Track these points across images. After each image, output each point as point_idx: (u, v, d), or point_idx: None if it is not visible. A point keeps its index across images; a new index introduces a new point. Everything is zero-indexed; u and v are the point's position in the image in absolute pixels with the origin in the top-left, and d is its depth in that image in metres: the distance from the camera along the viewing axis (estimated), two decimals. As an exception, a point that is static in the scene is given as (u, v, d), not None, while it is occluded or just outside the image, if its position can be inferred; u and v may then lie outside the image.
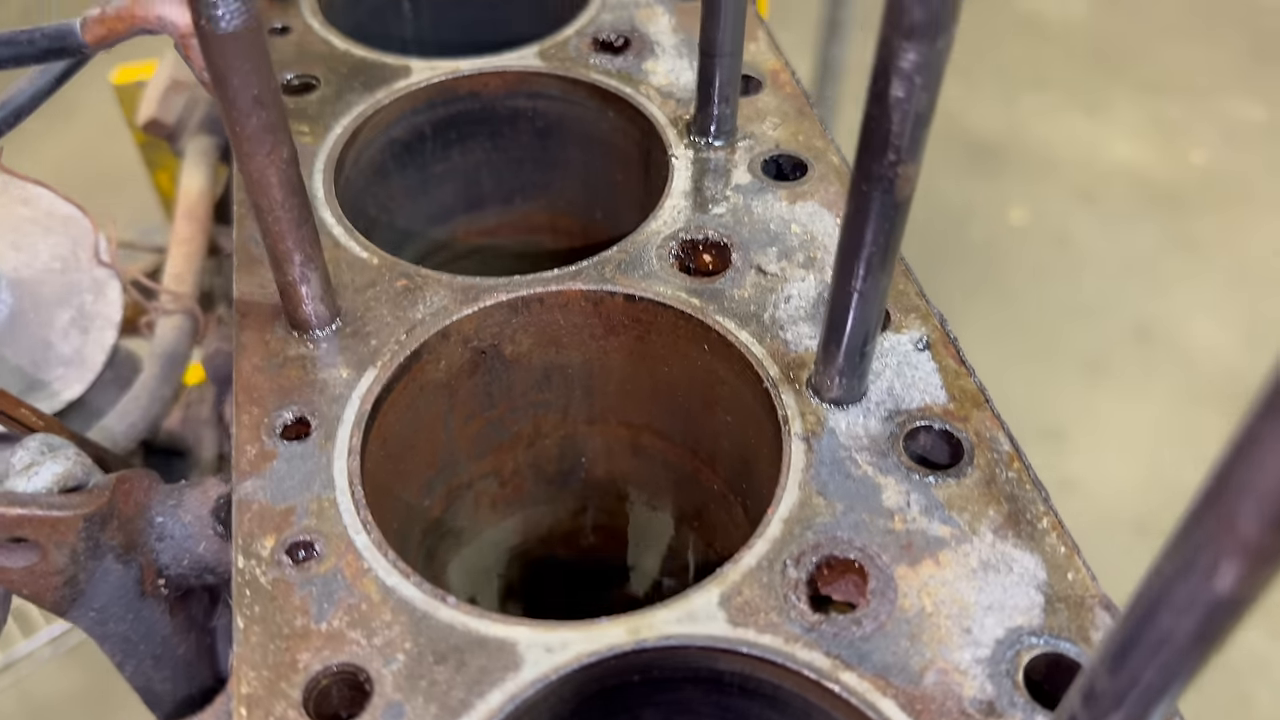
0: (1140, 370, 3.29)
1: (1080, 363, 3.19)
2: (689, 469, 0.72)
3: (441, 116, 0.79)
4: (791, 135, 0.73)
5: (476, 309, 0.62)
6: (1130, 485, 3.08)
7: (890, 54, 0.42)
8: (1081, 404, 3.17)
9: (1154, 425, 3.13)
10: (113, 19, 0.59)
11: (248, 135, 0.51)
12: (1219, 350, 3.36)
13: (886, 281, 0.51)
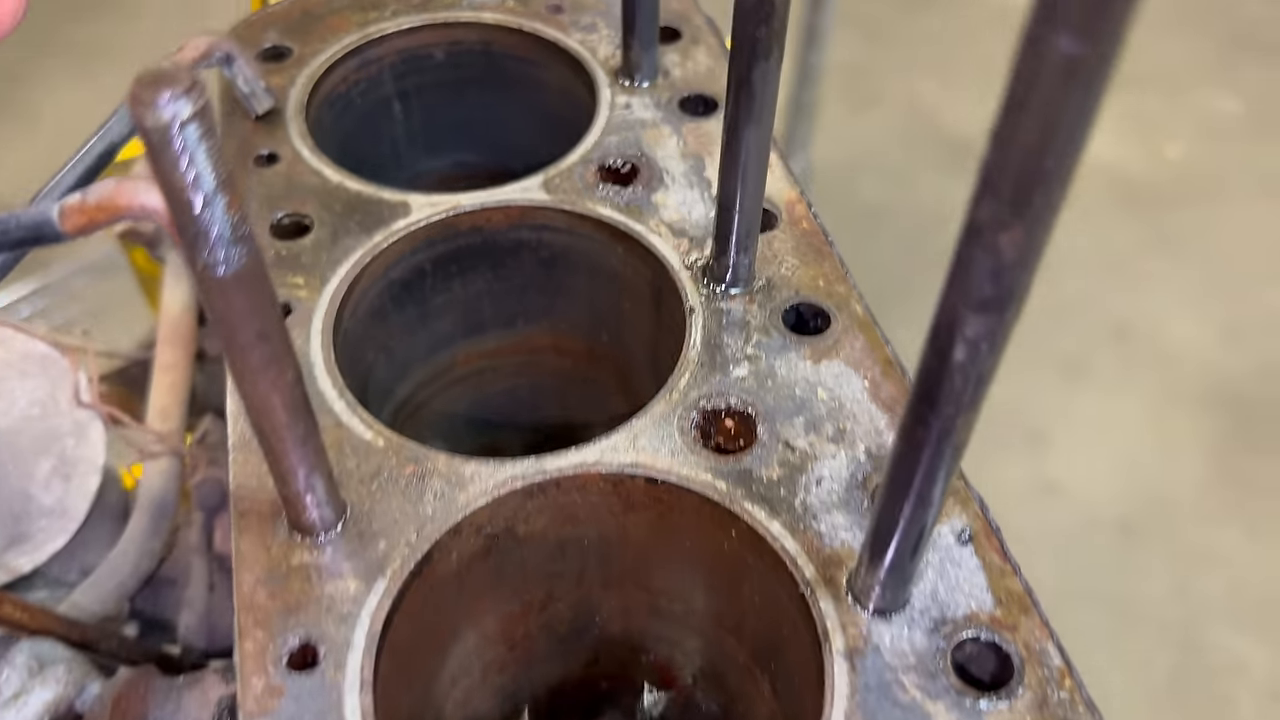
0: (1119, 369, 3.29)
1: (1060, 363, 3.19)
2: (711, 635, 0.69)
3: (442, 253, 0.75)
4: (812, 280, 0.70)
5: (490, 499, 0.59)
6: (1112, 486, 3.08)
7: (956, 321, 0.39)
8: (1062, 405, 3.16)
9: (1134, 425, 3.12)
10: (93, 208, 0.55)
11: (249, 368, 0.47)
12: (1197, 347, 3.36)
13: (939, 505, 0.47)
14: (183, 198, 0.40)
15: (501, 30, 0.88)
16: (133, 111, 0.38)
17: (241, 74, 0.77)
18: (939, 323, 0.40)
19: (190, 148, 0.38)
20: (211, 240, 0.42)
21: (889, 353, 0.66)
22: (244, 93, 0.78)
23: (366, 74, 0.88)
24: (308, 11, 0.89)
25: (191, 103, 0.38)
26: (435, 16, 0.88)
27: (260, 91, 0.78)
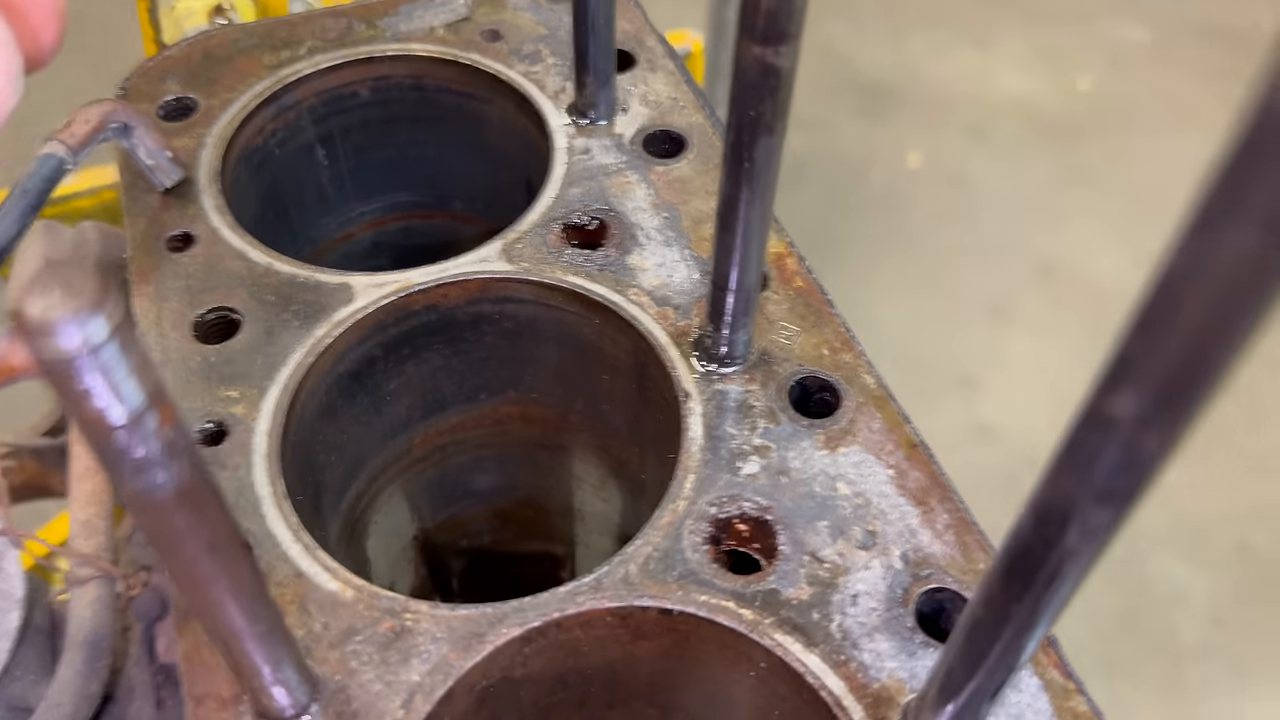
0: (1045, 308, 3.31)
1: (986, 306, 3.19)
2: (732, 750, 0.62)
3: (394, 336, 0.67)
4: (814, 349, 0.63)
5: (484, 655, 0.51)
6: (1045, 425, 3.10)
7: (1072, 510, 0.32)
8: (991, 347, 3.17)
9: (1064, 362, 3.14)
10: None
11: (197, 581, 0.38)
12: (1120, 280, 3.40)
13: (1024, 665, 0.41)
14: (103, 427, 0.31)
15: (434, 63, 0.79)
16: (27, 342, 0.29)
17: (142, 145, 0.67)
18: (1047, 508, 0.34)
19: (109, 371, 0.30)
20: (143, 464, 0.33)
21: (910, 433, 0.59)
22: (147, 165, 0.67)
23: (284, 121, 0.78)
24: (209, 54, 0.78)
25: (106, 318, 0.29)
26: (357, 52, 0.78)
27: (165, 163, 0.68)
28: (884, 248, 3.36)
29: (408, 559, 0.82)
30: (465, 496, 0.82)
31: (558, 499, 0.82)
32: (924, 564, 0.54)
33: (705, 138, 0.74)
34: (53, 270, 0.30)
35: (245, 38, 0.80)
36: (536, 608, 0.53)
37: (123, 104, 0.66)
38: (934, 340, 3.04)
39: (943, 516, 0.56)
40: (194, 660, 0.51)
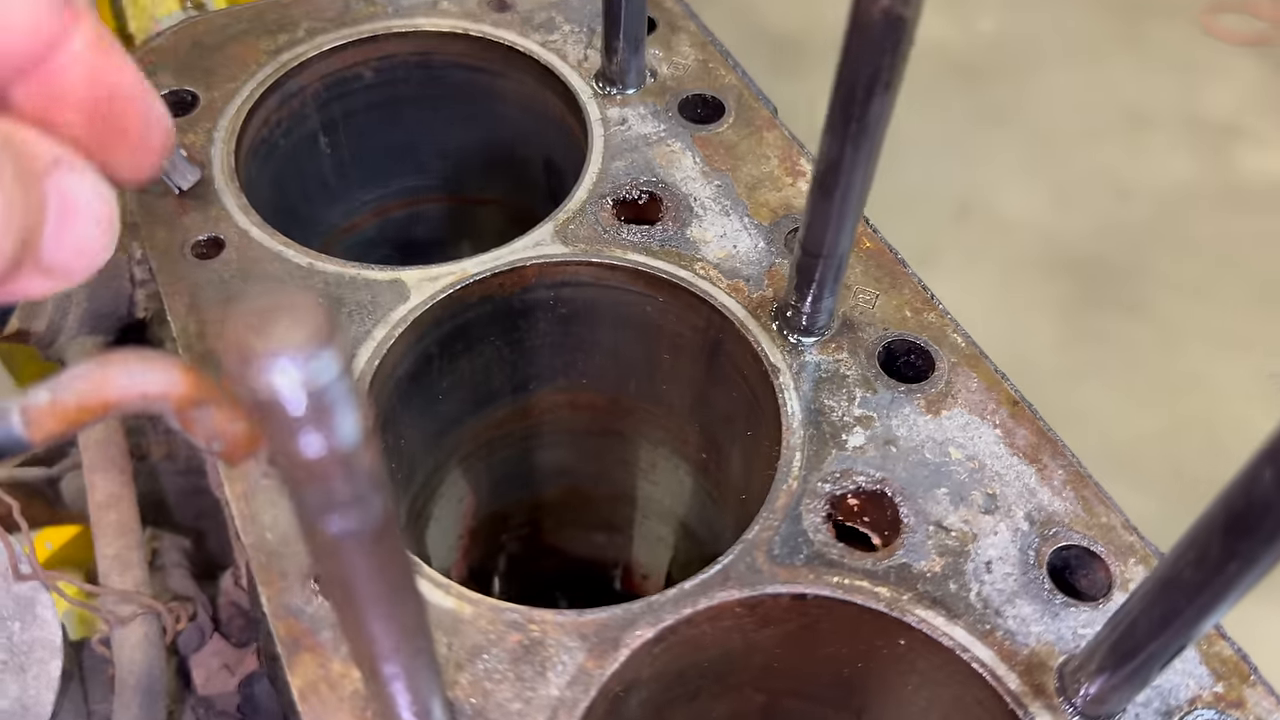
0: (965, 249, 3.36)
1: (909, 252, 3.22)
2: (844, 727, 0.61)
3: (449, 331, 0.63)
4: (896, 311, 0.61)
5: (621, 661, 0.49)
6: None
7: None
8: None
9: (986, 301, 3.20)
10: (73, 410, 0.40)
11: (375, 618, 0.35)
12: (1033, 216, 3.47)
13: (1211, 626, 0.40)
14: (314, 470, 0.28)
15: (444, 37, 0.74)
16: (240, 379, 0.25)
17: (156, 145, 0.62)
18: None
19: (333, 409, 0.26)
20: (349, 504, 0.30)
21: (1010, 390, 0.58)
22: (163, 169, 0.62)
23: (289, 109, 0.73)
24: (199, 42, 0.73)
25: (334, 353, 0.25)
26: (360, 30, 0.73)
27: (182, 163, 0.63)
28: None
29: (454, 553, 0.79)
30: (513, 488, 0.79)
31: (606, 486, 0.79)
32: (1049, 523, 0.53)
33: (741, 99, 0.71)
34: (277, 302, 0.26)
35: (234, 23, 0.74)
36: (667, 605, 0.50)
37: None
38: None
39: (1058, 473, 0.55)
40: (312, 698, 0.47)
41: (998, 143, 3.76)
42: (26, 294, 0.39)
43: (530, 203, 0.83)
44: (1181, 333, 3.15)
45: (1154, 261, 3.30)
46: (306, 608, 0.49)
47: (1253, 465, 0.34)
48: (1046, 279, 3.31)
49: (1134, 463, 2.75)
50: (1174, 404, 2.89)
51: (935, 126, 3.83)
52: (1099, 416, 2.93)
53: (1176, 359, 3.09)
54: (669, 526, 0.79)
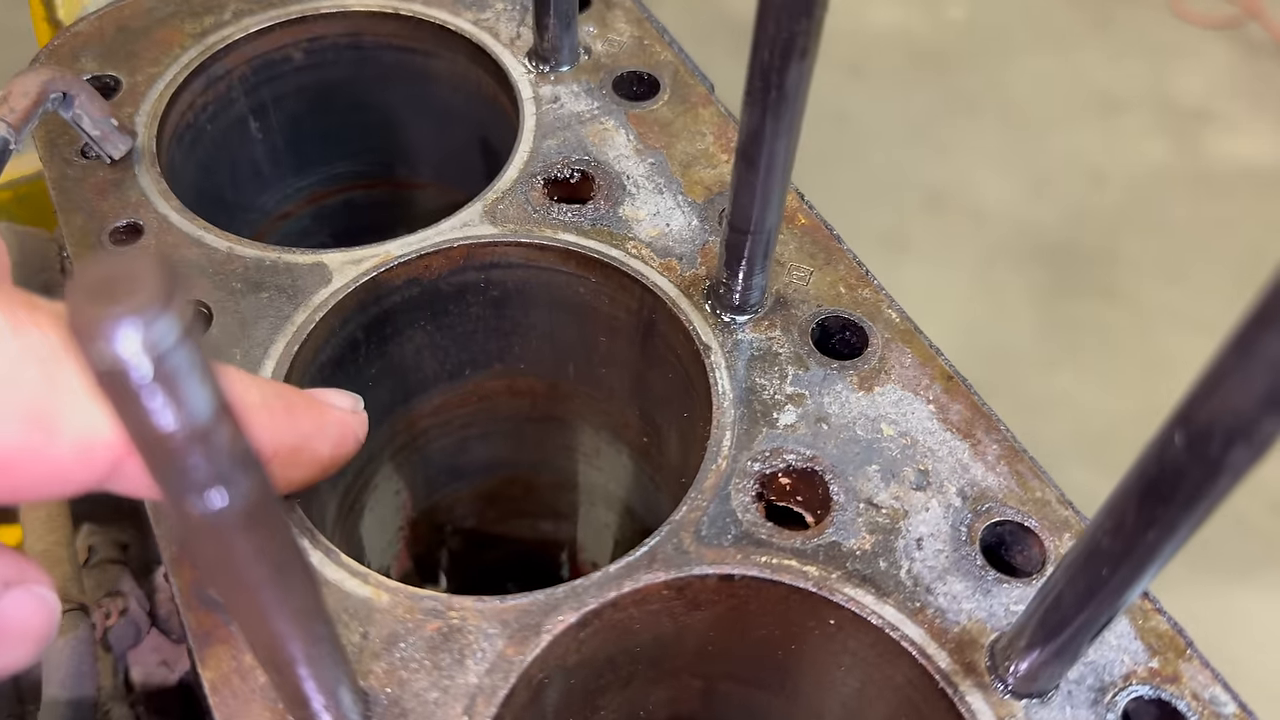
0: (938, 238, 3.36)
1: (880, 239, 3.23)
2: (782, 712, 0.60)
3: (375, 315, 0.62)
4: (830, 288, 0.60)
5: (543, 646, 0.47)
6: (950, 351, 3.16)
7: (1240, 424, 0.30)
8: (891, 283, 3.22)
9: (961, 290, 3.20)
10: None
11: (260, 606, 0.34)
12: (1007, 204, 3.47)
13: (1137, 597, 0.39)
14: (169, 445, 0.26)
15: (374, 17, 0.73)
16: (84, 350, 0.24)
17: (86, 114, 0.60)
18: (1207, 422, 0.31)
19: (179, 379, 0.25)
20: (210, 482, 0.28)
21: (944, 365, 0.57)
22: (93, 136, 0.61)
23: (214, 94, 0.71)
24: (124, 26, 0.71)
25: (174, 319, 0.24)
26: (288, 12, 0.72)
27: (112, 132, 0.61)
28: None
29: (395, 546, 0.77)
30: (452, 479, 0.77)
31: (549, 473, 0.78)
32: (982, 498, 0.52)
33: (677, 76, 0.70)
34: (111, 265, 0.25)
35: (161, 6, 0.72)
36: (591, 589, 0.49)
37: (58, 71, 0.59)
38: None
39: (992, 447, 0.54)
40: (223, 690, 0.46)
41: (969, 130, 3.76)
42: None
43: (467, 186, 0.81)
44: (1156, 317, 3.16)
45: (1128, 246, 3.31)
46: (218, 597, 0.48)
47: (1163, 429, 0.33)
48: (1020, 266, 3.32)
49: (1110, 447, 2.76)
50: (1149, 388, 2.90)
51: (906, 115, 3.83)
52: (1075, 402, 2.94)
53: (1151, 343, 3.10)
54: (614, 512, 0.77)
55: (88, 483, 0.34)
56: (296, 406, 0.44)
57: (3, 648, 0.38)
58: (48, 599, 0.39)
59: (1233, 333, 0.30)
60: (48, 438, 0.32)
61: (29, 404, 0.32)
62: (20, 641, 0.38)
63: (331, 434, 0.45)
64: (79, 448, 0.33)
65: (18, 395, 0.31)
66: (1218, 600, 2.55)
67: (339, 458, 0.47)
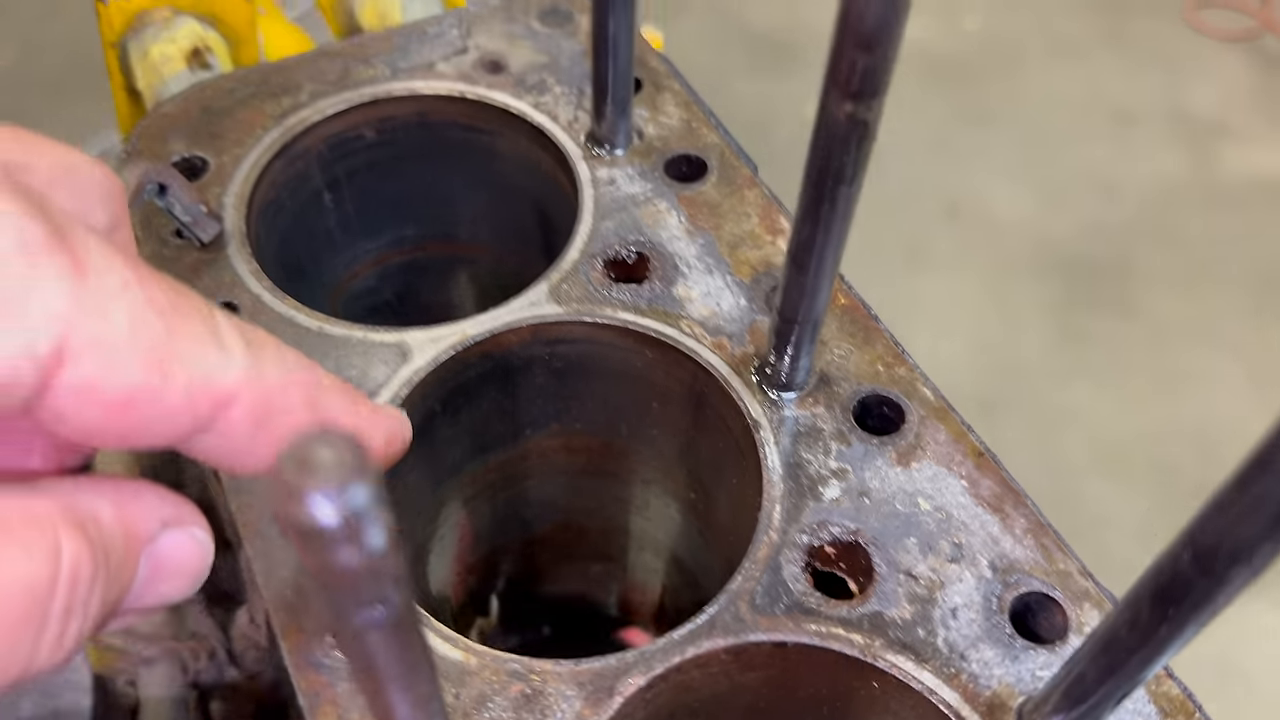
0: (955, 249, 3.40)
1: (901, 251, 3.27)
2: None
3: (452, 389, 0.67)
4: (869, 366, 0.65)
5: (615, 708, 0.53)
6: (967, 365, 3.21)
7: (1241, 549, 0.35)
8: (909, 292, 3.26)
9: (977, 302, 3.24)
10: None
11: (393, 692, 0.39)
12: (1023, 216, 3.50)
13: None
14: (347, 578, 0.32)
15: (441, 100, 0.78)
16: (284, 512, 0.29)
17: (178, 201, 0.66)
18: (1213, 547, 0.36)
19: (365, 527, 0.30)
20: (373, 599, 0.34)
21: (975, 441, 0.62)
22: (185, 222, 0.66)
23: (294, 171, 0.77)
24: (208, 108, 0.76)
25: (367, 483, 0.29)
26: (361, 95, 0.77)
27: (202, 217, 0.67)
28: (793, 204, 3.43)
29: (453, 579, 0.83)
30: (510, 525, 0.83)
31: (600, 521, 0.83)
32: (1011, 570, 0.57)
33: (723, 158, 0.75)
34: (314, 441, 0.30)
35: (241, 87, 0.78)
36: (658, 655, 0.54)
37: (154, 163, 0.65)
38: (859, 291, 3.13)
39: (1019, 521, 0.59)
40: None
41: (985, 143, 3.80)
42: None
43: (523, 250, 0.87)
44: (1169, 331, 3.20)
45: (1141, 259, 3.34)
46: (325, 660, 0.54)
47: (1175, 545, 0.39)
48: (1036, 278, 3.36)
49: (1123, 461, 2.80)
50: (1162, 402, 2.94)
51: (922, 127, 3.87)
52: (1090, 415, 2.98)
53: (1164, 357, 3.14)
54: (661, 559, 0.83)
55: (188, 430, 0.38)
56: (362, 399, 0.49)
57: (161, 582, 0.42)
58: (203, 540, 0.44)
59: (1238, 469, 0.35)
60: (164, 381, 0.36)
61: (151, 349, 0.35)
62: (177, 577, 0.43)
63: (384, 428, 0.50)
64: (189, 392, 0.37)
65: (142, 340, 0.35)
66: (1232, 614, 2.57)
67: (389, 456, 0.51)
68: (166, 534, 0.42)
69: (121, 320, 0.34)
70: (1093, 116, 3.69)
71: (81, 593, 0.36)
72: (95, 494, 0.39)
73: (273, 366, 0.40)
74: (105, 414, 0.35)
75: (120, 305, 0.35)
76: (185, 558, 0.43)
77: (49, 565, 0.35)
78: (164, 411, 0.37)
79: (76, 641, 0.37)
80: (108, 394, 0.35)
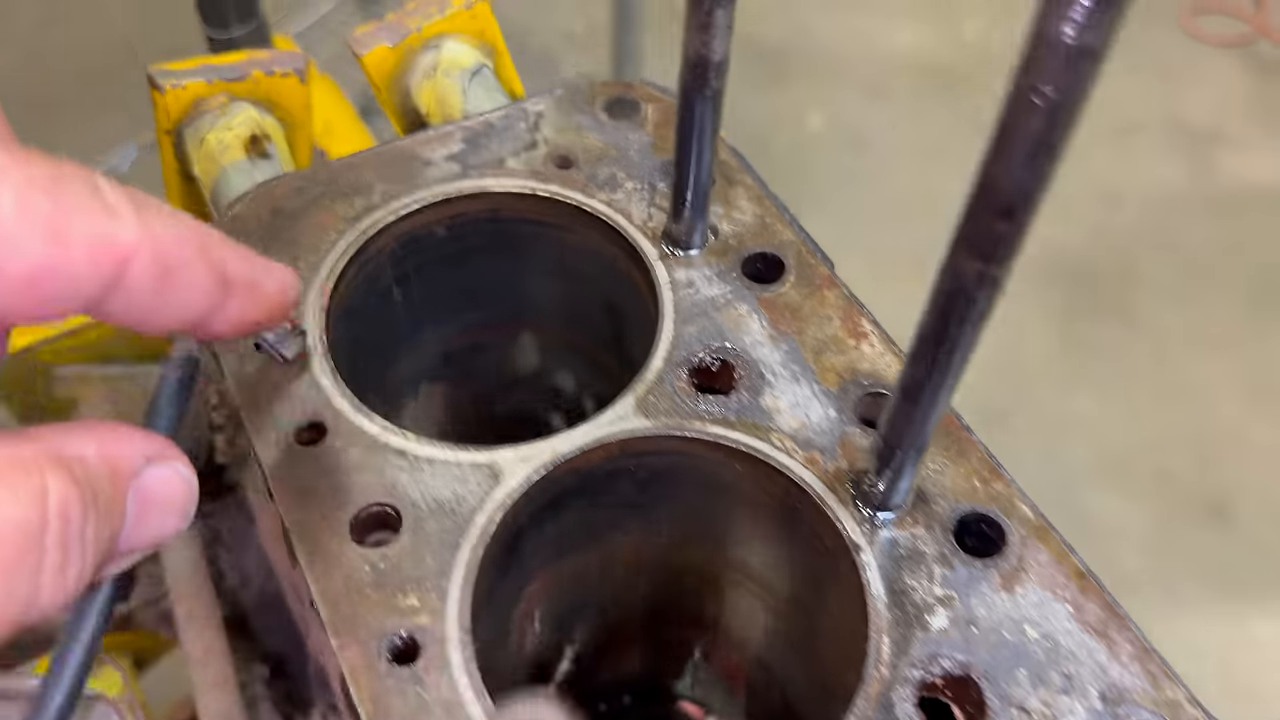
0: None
1: (909, 262, 3.27)
2: None
3: (540, 505, 0.66)
4: (965, 481, 0.65)
5: None
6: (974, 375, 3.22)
7: None
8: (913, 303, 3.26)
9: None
10: None
11: None
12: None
13: None
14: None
15: (513, 196, 0.77)
16: None
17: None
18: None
19: None
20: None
21: (1077, 562, 0.62)
22: (269, 340, 0.66)
23: (367, 273, 0.76)
24: (278, 209, 0.76)
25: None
26: (433, 193, 0.76)
27: (286, 334, 0.66)
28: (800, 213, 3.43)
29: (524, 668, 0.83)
30: (586, 616, 0.82)
31: (680, 613, 0.83)
32: (1120, 700, 0.57)
33: (800, 256, 0.75)
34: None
35: (311, 186, 0.77)
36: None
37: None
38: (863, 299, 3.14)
39: (1125, 647, 0.59)
40: None
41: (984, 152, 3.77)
42: None
43: (587, 335, 0.87)
44: (1171, 339, 3.21)
45: (1142, 267, 3.35)
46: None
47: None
48: (1042, 289, 3.36)
49: (1126, 469, 2.82)
50: (1164, 410, 2.96)
51: (923, 136, 3.87)
52: (1092, 423, 2.98)
53: (1166, 365, 3.15)
54: (742, 655, 0.82)
55: (96, 292, 0.40)
56: (252, 253, 0.52)
57: (151, 518, 0.44)
58: (187, 475, 0.46)
59: None
60: (64, 250, 0.38)
61: (44, 223, 0.37)
62: (166, 512, 0.45)
63: (276, 277, 0.53)
64: (90, 256, 0.39)
65: (34, 217, 0.37)
66: (1234, 623, 2.60)
67: (284, 301, 0.54)
68: (151, 469, 0.44)
69: (8, 203, 0.36)
70: (1092, 124, 3.69)
71: (74, 529, 0.38)
72: (79, 436, 0.41)
73: (162, 224, 0.42)
74: (14, 292, 0.38)
75: (3, 189, 0.36)
76: (171, 492, 0.45)
77: (38, 506, 0.37)
78: (69, 279, 0.39)
79: (77, 582, 0.39)
80: (11, 274, 0.37)
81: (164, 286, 0.42)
